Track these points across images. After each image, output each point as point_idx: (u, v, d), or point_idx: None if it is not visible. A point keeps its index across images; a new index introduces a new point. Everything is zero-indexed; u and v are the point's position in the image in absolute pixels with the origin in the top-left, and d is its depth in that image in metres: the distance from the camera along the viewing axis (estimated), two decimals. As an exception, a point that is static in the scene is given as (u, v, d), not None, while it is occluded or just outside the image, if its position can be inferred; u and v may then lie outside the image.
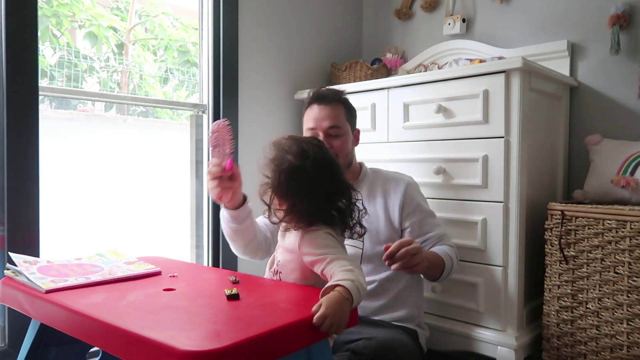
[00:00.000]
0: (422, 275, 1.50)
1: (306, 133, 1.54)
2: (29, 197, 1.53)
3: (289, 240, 1.14)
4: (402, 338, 1.36)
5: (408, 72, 2.35)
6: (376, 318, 1.46)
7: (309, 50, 2.42)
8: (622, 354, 1.50)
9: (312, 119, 1.52)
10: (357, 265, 1.03)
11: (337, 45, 2.55)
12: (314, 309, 0.88)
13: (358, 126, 1.98)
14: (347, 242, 1.16)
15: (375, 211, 1.51)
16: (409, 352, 1.33)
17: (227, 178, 1.27)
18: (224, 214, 1.37)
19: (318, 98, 1.52)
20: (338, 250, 1.06)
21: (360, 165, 1.62)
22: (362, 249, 1.48)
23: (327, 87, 1.59)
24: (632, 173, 1.65)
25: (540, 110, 1.75)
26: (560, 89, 1.90)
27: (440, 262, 1.42)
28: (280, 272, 1.15)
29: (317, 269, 1.04)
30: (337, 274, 0.99)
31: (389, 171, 1.62)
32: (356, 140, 1.61)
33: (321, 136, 1.49)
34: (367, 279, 1.43)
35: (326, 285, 0.94)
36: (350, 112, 1.57)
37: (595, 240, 1.54)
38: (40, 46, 1.72)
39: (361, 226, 1.15)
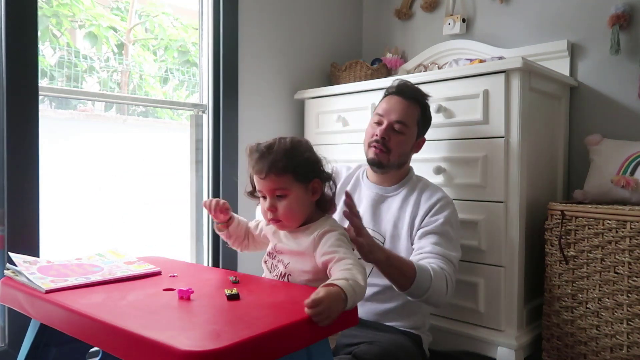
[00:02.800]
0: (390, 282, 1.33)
1: (373, 117, 1.53)
2: (29, 197, 1.53)
3: (298, 242, 1.13)
4: (404, 343, 1.35)
5: (408, 72, 2.35)
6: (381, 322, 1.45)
7: (309, 50, 2.42)
8: (622, 354, 1.50)
9: (385, 107, 1.49)
10: (360, 264, 1.03)
11: (337, 45, 2.55)
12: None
13: (358, 126, 1.99)
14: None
15: (404, 216, 1.47)
16: (410, 359, 1.32)
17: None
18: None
19: (400, 90, 1.50)
20: (347, 251, 1.07)
21: (409, 170, 1.58)
22: (383, 244, 1.47)
23: (415, 84, 1.58)
24: (632, 173, 1.65)
25: (540, 110, 1.75)
26: (560, 89, 1.90)
27: (409, 269, 1.26)
28: (289, 275, 1.14)
29: (327, 269, 1.06)
30: (335, 272, 1.00)
31: (432, 183, 1.56)
32: (417, 148, 1.56)
33: (384, 126, 1.47)
34: (374, 281, 1.42)
35: (321, 285, 0.94)
36: (424, 117, 1.53)
37: (595, 240, 1.54)
38: (40, 46, 1.72)
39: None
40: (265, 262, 1.22)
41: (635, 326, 1.48)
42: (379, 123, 1.49)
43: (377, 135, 1.48)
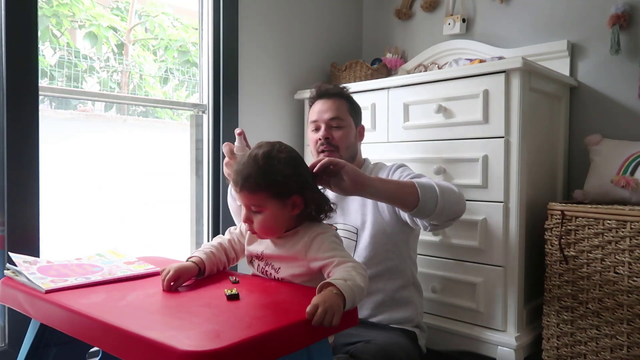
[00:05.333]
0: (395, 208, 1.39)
1: (309, 127, 1.57)
2: (29, 197, 1.53)
3: (287, 248, 1.11)
4: (400, 341, 1.35)
5: (408, 72, 2.35)
6: (374, 320, 1.45)
7: (309, 50, 2.42)
8: (622, 354, 1.50)
9: (315, 112, 1.55)
10: (360, 266, 1.03)
11: (337, 45, 2.55)
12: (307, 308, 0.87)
13: (358, 126, 1.99)
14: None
15: (370, 201, 1.48)
16: (407, 356, 1.33)
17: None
18: (230, 191, 1.51)
19: (321, 93, 1.56)
20: (344, 253, 1.06)
21: (364, 160, 1.63)
22: (356, 242, 1.48)
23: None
24: (632, 173, 1.65)
25: (540, 110, 1.75)
26: (560, 89, 1.90)
27: (407, 183, 1.25)
28: (282, 279, 1.14)
29: (325, 273, 1.04)
30: (334, 273, 1.00)
31: (387, 164, 1.59)
32: (360, 136, 1.61)
33: (323, 128, 1.50)
34: None
35: (320, 284, 0.94)
36: (353, 107, 1.58)
37: (595, 240, 1.54)
38: (40, 46, 1.72)
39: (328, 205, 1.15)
40: (252, 262, 1.20)
41: (635, 326, 1.48)
42: (317, 129, 1.54)
43: (320, 139, 1.51)
